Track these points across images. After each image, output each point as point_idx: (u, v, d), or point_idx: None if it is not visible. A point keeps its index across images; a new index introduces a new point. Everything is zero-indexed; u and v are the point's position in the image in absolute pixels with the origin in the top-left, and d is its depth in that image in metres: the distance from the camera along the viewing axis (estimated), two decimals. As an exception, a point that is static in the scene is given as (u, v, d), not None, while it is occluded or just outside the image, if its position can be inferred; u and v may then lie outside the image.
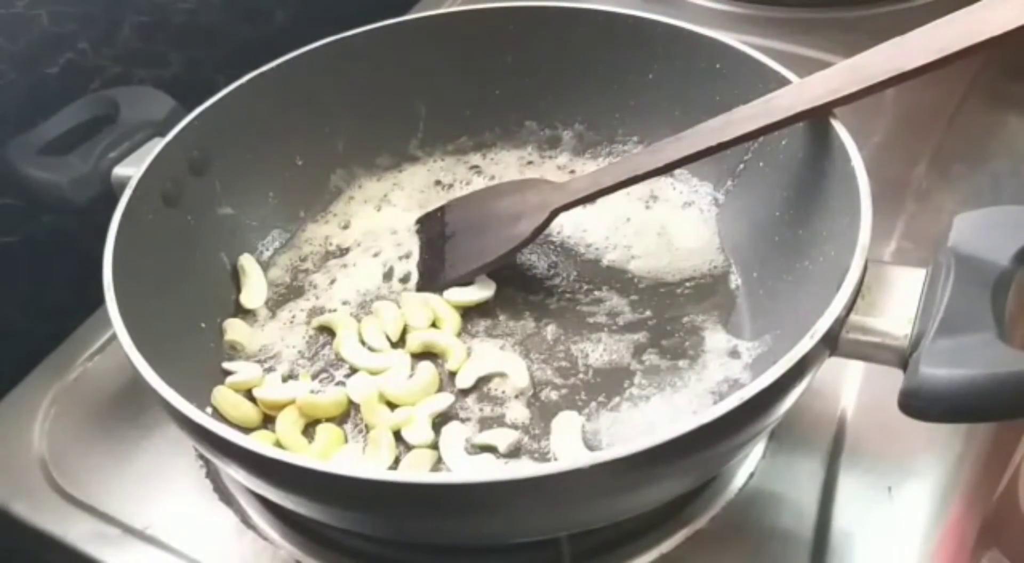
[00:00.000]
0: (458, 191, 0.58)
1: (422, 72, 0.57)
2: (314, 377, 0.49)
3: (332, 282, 0.54)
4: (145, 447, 0.50)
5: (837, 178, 0.43)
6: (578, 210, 0.53)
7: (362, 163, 0.59)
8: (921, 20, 0.44)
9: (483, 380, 0.48)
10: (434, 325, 0.51)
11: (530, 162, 0.59)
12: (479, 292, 0.51)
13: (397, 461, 0.45)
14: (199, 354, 0.49)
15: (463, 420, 0.46)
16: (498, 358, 0.48)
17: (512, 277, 0.53)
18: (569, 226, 0.55)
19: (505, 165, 0.59)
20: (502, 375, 0.48)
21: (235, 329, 0.51)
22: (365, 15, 0.56)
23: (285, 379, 0.49)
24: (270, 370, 0.50)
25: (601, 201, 0.54)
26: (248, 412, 0.47)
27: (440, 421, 0.46)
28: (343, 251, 0.56)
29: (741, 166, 0.52)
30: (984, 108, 0.62)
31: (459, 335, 0.50)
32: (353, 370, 0.49)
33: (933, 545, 0.43)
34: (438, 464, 0.44)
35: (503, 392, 0.47)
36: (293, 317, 0.53)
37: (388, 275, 0.54)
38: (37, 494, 0.48)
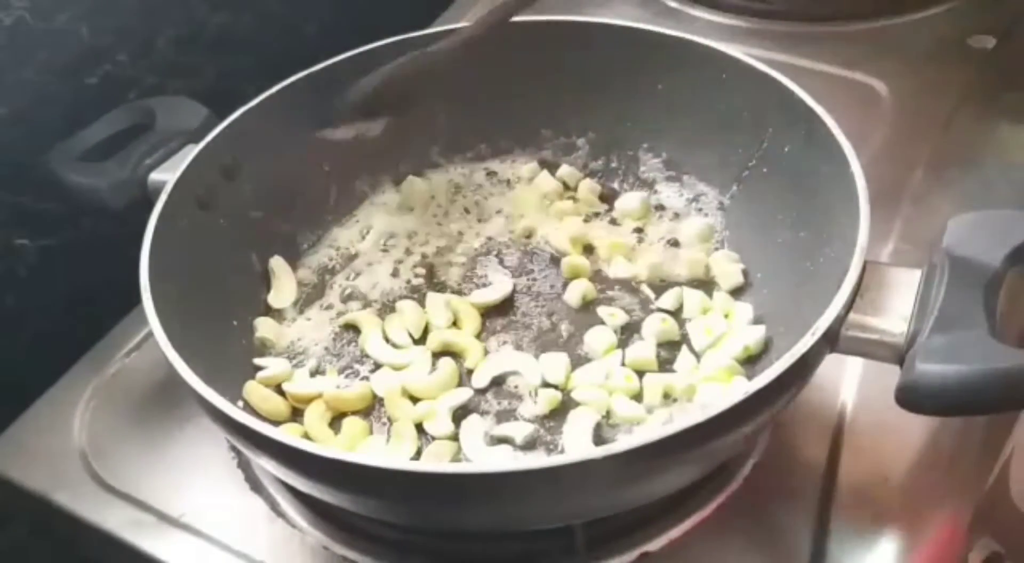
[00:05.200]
0: (475, 195, 0.60)
1: (443, 83, 0.57)
2: (340, 372, 0.51)
3: (357, 282, 0.55)
4: (179, 439, 0.51)
5: (837, 183, 0.44)
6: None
7: (386, 169, 0.60)
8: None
9: (500, 376, 0.49)
10: (455, 324, 0.52)
11: (545, 167, 0.61)
12: (498, 292, 0.53)
13: (419, 452, 0.46)
14: (231, 350, 0.50)
15: (482, 413, 0.48)
16: (513, 358, 0.50)
17: (528, 279, 0.55)
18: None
19: (521, 170, 0.61)
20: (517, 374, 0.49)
21: (265, 326, 0.52)
22: (390, 28, 0.57)
23: (313, 374, 0.51)
24: (298, 366, 0.51)
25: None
26: (278, 405, 0.49)
27: (460, 414, 0.48)
28: (367, 253, 0.57)
29: (746, 172, 0.54)
30: (977, 116, 0.63)
31: (479, 334, 0.52)
32: (377, 366, 0.51)
33: (929, 532, 0.44)
34: (458, 455, 0.46)
35: (516, 387, 0.49)
36: (320, 315, 0.54)
37: (410, 276, 0.56)
38: (77, 484, 0.50)
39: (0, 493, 0.51)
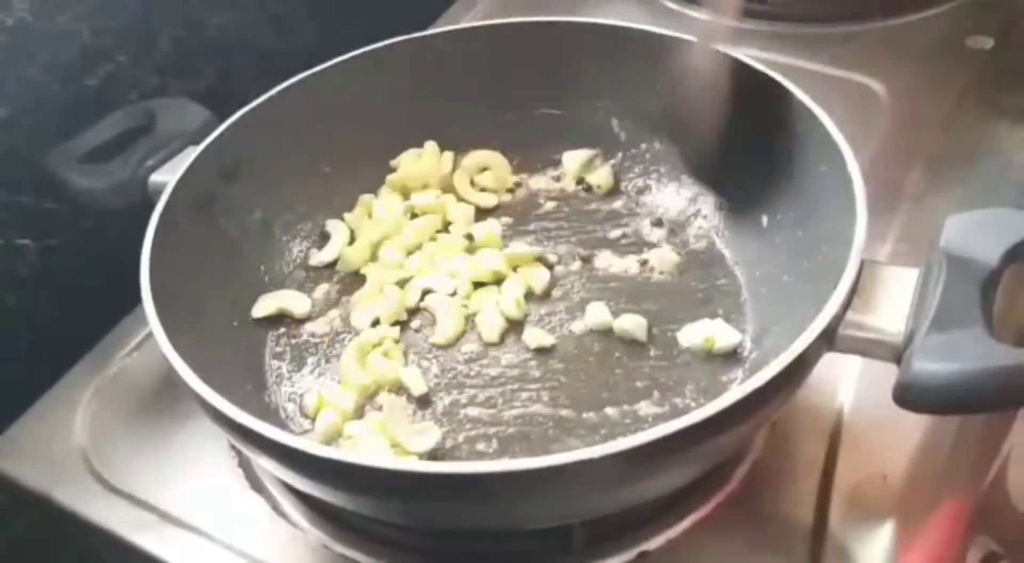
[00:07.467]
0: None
1: (444, 83, 0.58)
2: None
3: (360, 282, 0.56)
4: (180, 438, 0.51)
5: (834, 183, 0.44)
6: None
7: (386, 170, 0.60)
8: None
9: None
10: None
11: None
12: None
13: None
14: (231, 350, 0.50)
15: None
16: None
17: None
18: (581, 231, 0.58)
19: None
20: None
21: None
22: (390, 29, 0.57)
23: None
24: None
25: (609, 207, 0.57)
26: None
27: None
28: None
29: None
30: (975, 117, 0.63)
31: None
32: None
33: (927, 531, 0.44)
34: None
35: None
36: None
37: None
38: (78, 482, 0.50)
39: (1, 492, 0.51)
